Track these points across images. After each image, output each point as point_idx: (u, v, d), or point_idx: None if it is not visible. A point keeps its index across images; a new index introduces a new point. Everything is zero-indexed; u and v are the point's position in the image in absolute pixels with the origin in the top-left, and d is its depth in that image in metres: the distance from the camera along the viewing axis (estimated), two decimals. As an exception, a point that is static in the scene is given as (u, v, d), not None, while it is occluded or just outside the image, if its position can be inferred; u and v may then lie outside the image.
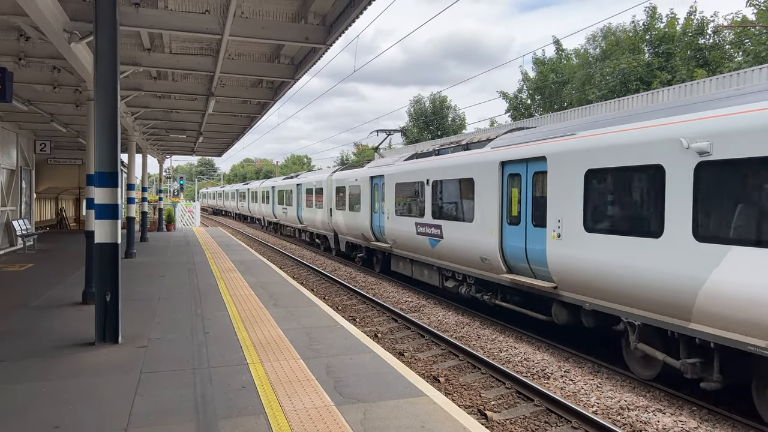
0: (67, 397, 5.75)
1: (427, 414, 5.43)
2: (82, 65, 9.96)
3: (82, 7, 9.02)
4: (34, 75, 13.06)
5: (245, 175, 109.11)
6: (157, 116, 19.43)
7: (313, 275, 19.13)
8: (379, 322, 12.29)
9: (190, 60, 12.23)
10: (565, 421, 6.93)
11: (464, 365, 9.21)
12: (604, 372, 8.74)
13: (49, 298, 11.03)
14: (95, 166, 7.78)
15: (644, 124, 7.83)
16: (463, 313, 12.85)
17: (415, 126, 52.82)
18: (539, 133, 10.48)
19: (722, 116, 6.71)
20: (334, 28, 9.83)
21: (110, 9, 7.62)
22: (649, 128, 7.71)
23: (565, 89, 36.66)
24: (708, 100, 7.29)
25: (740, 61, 26.29)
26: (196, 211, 39.42)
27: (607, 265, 8.22)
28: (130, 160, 20.21)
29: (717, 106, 6.94)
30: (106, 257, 7.78)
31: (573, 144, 9.12)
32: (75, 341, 7.86)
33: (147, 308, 10.14)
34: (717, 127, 6.72)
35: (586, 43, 37.21)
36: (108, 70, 7.68)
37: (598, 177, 8.59)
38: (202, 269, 15.41)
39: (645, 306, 7.68)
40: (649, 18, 31.58)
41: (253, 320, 9.26)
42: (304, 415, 5.34)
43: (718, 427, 6.75)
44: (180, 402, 5.65)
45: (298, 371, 6.66)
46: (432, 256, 14.12)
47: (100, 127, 7.70)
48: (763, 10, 25.73)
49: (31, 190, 24.26)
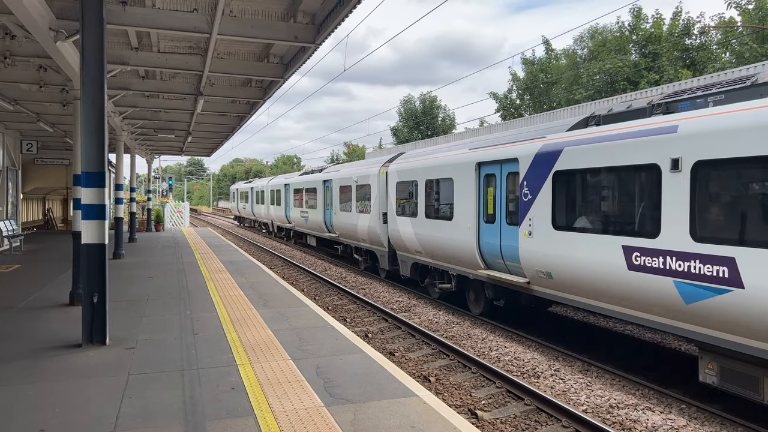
0: (53, 400, 5.68)
1: (417, 414, 5.42)
2: (68, 64, 9.87)
3: (68, 6, 8.94)
4: (19, 74, 12.91)
5: (235, 175, 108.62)
6: (146, 116, 19.29)
7: (303, 275, 19.07)
8: (369, 322, 12.27)
9: (178, 59, 12.16)
10: (555, 419, 6.95)
11: (455, 365, 9.21)
12: (593, 371, 8.77)
13: (36, 300, 10.90)
14: (82, 166, 7.70)
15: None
16: (453, 313, 12.86)
17: (405, 126, 52.85)
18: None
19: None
20: (324, 27, 9.80)
21: (97, 7, 7.55)
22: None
23: (553, 89, 36.83)
24: None
25: (726, 61, 26.53)
26: (185, 211, 39.19)
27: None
28: (118, 160, 20.06)
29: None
30: (94, 258, 7.71)
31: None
32: (62, 343, 7.77)
33: (135, 309, 10.06)
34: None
35: (573, 44, 37.43)
36: (95, 69, 7.60)
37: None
38: (192, 270, 15.31)
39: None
40: (635, 19, 31.80)
41: (243, 321, 9.21)
42: (293, 416, 5.31)
43: (706, 424, 6.79)
44: (168, 404, 5.60)
45: (288, 372, 6.62)
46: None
47: (87, 127, 7.62)
48: (746, 11, 25.98)
49: (17, 191, 24.01)
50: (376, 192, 17.17)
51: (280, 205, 30.49)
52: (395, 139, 52.37)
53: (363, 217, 17.98)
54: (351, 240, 19.64)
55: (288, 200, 28.71)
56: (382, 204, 16.73)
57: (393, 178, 15.69)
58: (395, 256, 16.09)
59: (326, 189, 22.38)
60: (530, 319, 12.12)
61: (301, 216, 25.93)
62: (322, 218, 22.65)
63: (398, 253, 15.67)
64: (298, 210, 26.51)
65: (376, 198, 17.05)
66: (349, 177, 19.59)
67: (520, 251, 9.97)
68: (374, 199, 17.20)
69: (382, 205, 16.67)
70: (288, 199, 28.72)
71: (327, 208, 22.21)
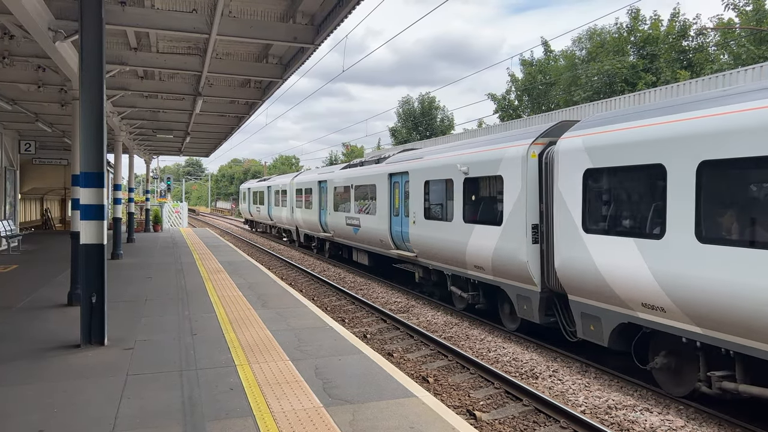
0: (51, 400, 5.67)
1: (416, 415, 5.42)
2: (67, 64, 9.86)
3: (67, 6, 8.94)
4: (18, 74, 12.91)
5: (233, 175, 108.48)
6: (144, 116, 19.28)
7: (301, 276, 19.07)
8: (368, 323, 12.28)
9: (177, 59, 12.16)
10: (553, 420, 6.96)
11: (453, 365, 9.22)
12: (592, 372, 8.79)
13: (34, 300, 10.89)
14: (81, 167, 7.70)
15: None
16: (451, 314, 12.87)
17: (404, 127, 52.86)
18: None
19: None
20: (323, 28, 9.82)
21: (96, 7, 7.55)
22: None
23: (552, 90, 36.88)
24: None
25: (723, 62, 26.58)
26: (183, 211, 39.16)
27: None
28: (116, 160, 20.05)
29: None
30: (92, 258, 7.70)
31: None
32: (60, 343, 7.76)
33: (134, 310, 10.05)
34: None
35: (572, 45, 37.48)
36: (94, 70, 7.60)
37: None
38: (190, 270, 15.30)
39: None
40: (632, 20, 31.85)
41: (241, 321, 9.21)
42: (292, 417, 5.31)
43: (704, 425, 6.81)
44: (167, 404, 5.60)
45: (287, 372, 6.62)
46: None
47: (85, 127, 7.61)
48: (744, 12, 26.03)
49: (15, 191, 23.97)
50: (522, 191, 9.98)
51: (311, 208, 24.31)
52: (394, 139, 52.36)
53: (483, 233, 11.08)
54: (445, 264, 12.83)
55: (325, 202, 22.45)
56: (530, 211, 9.84)
57: (575, 161, 8.70)
58: (553, 300, 9.71)
59: (393, 187, 16.03)
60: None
61: (347, 223, 19.45)
62: (386, 228, 16.08)
63: (578, 302, 8.83)
64: (341, 215, 20.21)
65: (521, 201, 9.98)
66: (448, 165, 12.52)
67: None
68: (515, 202, 10.13)
69: (531, 213, 9.85)
70: (325, 200, 22.49)
71: (394, 214, 15.80)
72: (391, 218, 15.94)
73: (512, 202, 10.20)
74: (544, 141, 9.97)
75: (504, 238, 10.40)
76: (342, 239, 20.78)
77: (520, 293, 10.19)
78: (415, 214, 14.10)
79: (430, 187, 13.55)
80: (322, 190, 23.15)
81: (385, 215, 16.28)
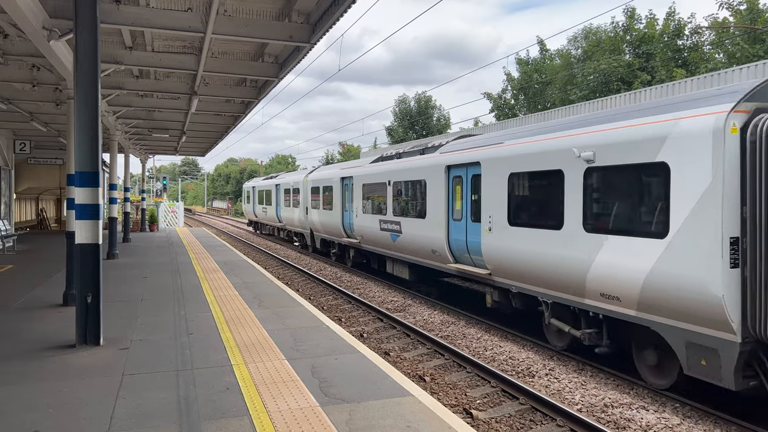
0: (46, 401, 5.65)
1: (412, 414, 5.42)
2: (62, 63, 9.83)
3: (61, 4, 8.90)
4: (12, 73, 12.86)
5: (229, 174, 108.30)
6: (140, 115, 19.23)
7: (298, 275, 19.05)
8: (364, 322, 12.27)
9: (172, 58, 12.12)
10: (550, 419, 6.97)
11: (450, 364, 9.22)
12: (588, 370, 8.80)
13: (29, 300, 10.84)
14: (76, 166, 7.66)
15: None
16: (448, 312, 12.87)
17: (400, 126, 52.85)
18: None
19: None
20: (319, 27, 9.80)
21: (90, 6, 7.51)
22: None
23: (548, 89, 36.94)
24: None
25: (718, 61, 26.67)
26: (179, 211, 39.08)
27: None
28: (111, 159, 19.96)
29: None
30: (87, 258, 7.67)
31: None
32: (55, 343, 7.73)
33: (129, 309, 10.02)
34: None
35: (568, 44, 37.55)
36: (88, 69, 7.56)
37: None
38: (186, 270, 15.26)
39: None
40: (628, 19, 31.94)
41: (238, 321, 9.19)
42: (288, 416, 5.30)
43: (700, 423, 6.83)
44: (163, 404, 5.58)
45: (283, 372, 6.61)
46: None
47: (80, 127, 7.58)
48: (739, 11, 26.12)
49: (10, 191, 23.88)
50: (712, 185, 6.55)
51: (331, 209, 21.19)
52: (390, 138, 52.33)
53: (624, 248, 7.71)
54: (542, 288, 9.52)
55: (350, 202, 19.47)
56: (727, 218, 6.47)
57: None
58: (757, 354, 6.55)
59: (453, 183, 12.72)
60: (525, 318, 12.13)
61: (381, 228, 16.32)
62: (442, 237, 12.89)
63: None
64: (373, 218, 16.98)
65: (711, 202, 6.58)
66: (554, 150, 9.15)
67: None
68: (697, 203, 6.72)
69: (729, 220, 6.49)
70: (350, 200, 19.50)
71: (454, 218, 12.60)
72: (450, 223, 12.71)
73: (691, 202, 6.76)
74: (747, 107, 6.50)
75: (672, 258, 6.98)
76: (373, 247, 17.38)
77: (696, 341, 6.83)
78: (492, 219, 10.72)
79: (518, 181, 10.13)
80: (345, 188, 19.89)
81: (441, 220, 12.91)
